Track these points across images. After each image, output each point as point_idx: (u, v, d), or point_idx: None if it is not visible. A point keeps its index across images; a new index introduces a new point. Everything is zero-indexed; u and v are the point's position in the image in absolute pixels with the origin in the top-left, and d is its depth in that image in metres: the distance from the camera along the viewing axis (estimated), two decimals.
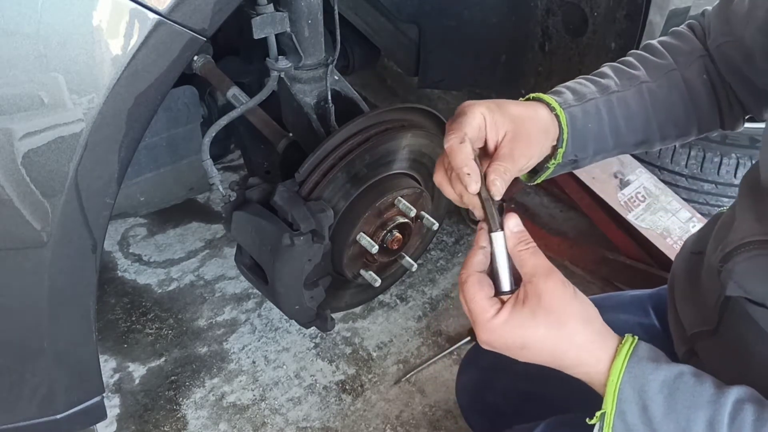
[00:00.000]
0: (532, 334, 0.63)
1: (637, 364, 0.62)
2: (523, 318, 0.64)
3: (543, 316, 0.63)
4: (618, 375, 0.62)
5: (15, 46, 0.64)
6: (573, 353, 0.64)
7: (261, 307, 1.74)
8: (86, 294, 0.87)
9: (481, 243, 0.69)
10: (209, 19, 0.73)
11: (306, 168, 1.14)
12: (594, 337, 0.64)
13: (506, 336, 0.64)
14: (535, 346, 0.64)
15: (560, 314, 0.63)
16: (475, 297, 0.66)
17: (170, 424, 1.47)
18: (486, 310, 0.65)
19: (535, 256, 0.66)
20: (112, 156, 0.76)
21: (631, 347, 0.63)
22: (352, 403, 1.53)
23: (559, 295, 0.64)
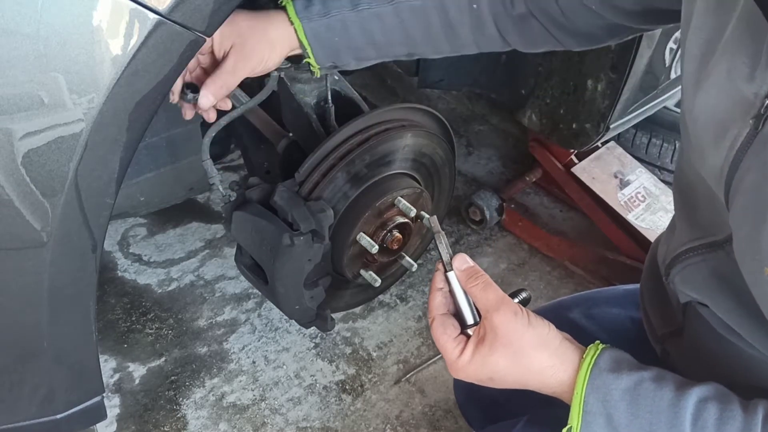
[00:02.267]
0: (494, 368, 0.67)
1: (599, 376, 0.64)
2: (484, 354, 0.67)
3: (501, 349, 0.66)
4: (581, 388, 0.64)
5: (15, 46, 0.64)
6: (535, 378, 0.67)
7: (261, 307, 1.74)
8: (86, 294, 0.87)
9: (438, 285, 0.72)
10: (209, 19, 0.73)
11: (306, 168, 1.14)
12: (552, 360, 0.66)
13: (473, 372, 0.69)
14: (501, 378, 0.68)
15: (515, 345, 0.66)
16: (440, 340, 0.70)
17: (170, 424, 1.47)
18: (451, 351, 0.69)
19: (485, 290, 0.69)
20: (112, 156, 0.76)
21: (592, 359, 0.65)
22: (352, 403, 1.53)
23: (512, 328, 0.66)
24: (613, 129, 1.50)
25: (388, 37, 0.89)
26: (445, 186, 1.44)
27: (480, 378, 0.69)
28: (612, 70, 1.37)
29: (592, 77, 1.42)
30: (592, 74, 1.41)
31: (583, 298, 1.07)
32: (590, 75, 1.42)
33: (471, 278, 0.70)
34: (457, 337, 0.70)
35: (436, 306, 0.72)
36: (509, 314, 0.67)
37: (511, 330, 0.66)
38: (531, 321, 0.67)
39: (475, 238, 2.00)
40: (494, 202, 1.94)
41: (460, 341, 0.69)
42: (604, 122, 1.45)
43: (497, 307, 0.67)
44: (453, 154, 1.39)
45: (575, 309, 1.02)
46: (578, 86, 1.46)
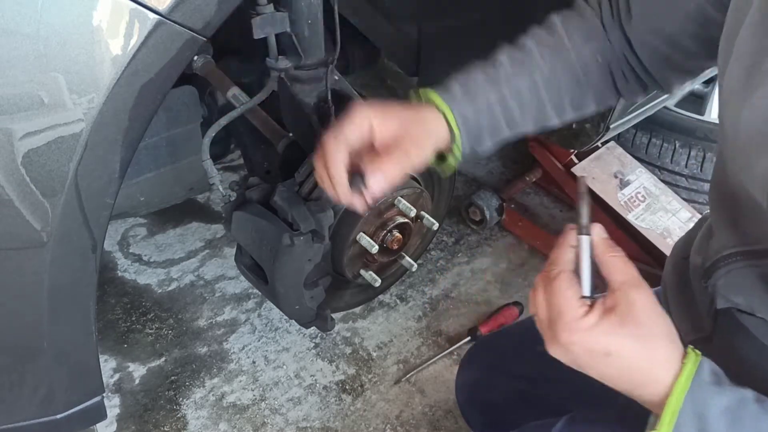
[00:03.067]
0: (619, 343, 0.60)
1: (699, 387, 0.59)
2: (612, 324, 0.60)
3: (632, 326, 0.60)
4: (680, 397, 0.59)
5: (15, 46, 0.64)
6: (654, 370, 0.61)
7: (261, 307, 1.74)
8: (86, 294, 0.87)
9: (570, 242, 0.66)
10: (209, 19, 0.73)
11: (306, 168, 1.14)
12: (673, 355, 0.61)
13: (591, 340, 0.61)
14: (620, 357, 0.61)
15: (648, 327, 0.60)
16: (566, 294, 0.62)
17: (170, 424, 1.47)
18: (576, 308, 0.61)
19: (627, 263, 0.63)
20: (112, 156, 0.76)
21: (694, 367, 0.60)
22: (352, 403, 1.53)
23: (650, 309, 0.61)
24: (613, 129, 1.49)
25: (525, 113, 0.86)
26: (445, 186, 1.44)
27: (595, 348, 0.61)
28: None
29: None
30: None
31: None
32: None
33: (613, 248, 0.64)
34: (581, 298, 0.63)
35: (565, 261, 0.65)
36: (650, 296, 0.61)
37: (649, 310, 0.60)
38: (664, 312, 0.62)
39: (475, 238, 2.00)
40: (494, 202, 1.94)
41: (585, 303, 0.62)
42: (604, 122, 1.45)
43: (638, 284, 0.61)
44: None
45: None
46: None
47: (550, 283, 0.64)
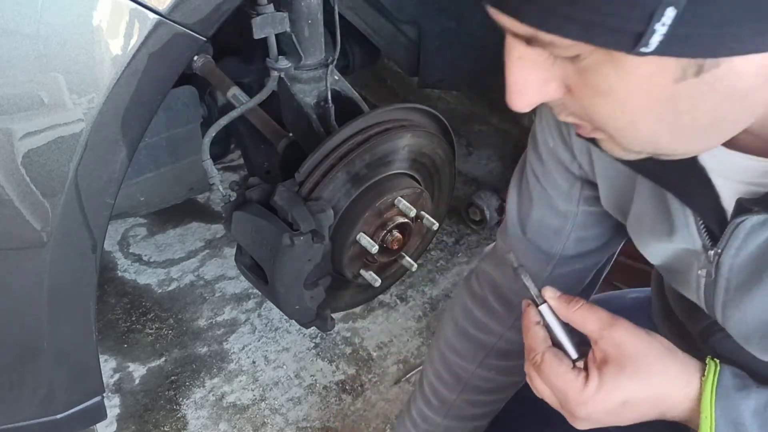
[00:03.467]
0: (629, 388, 0.60)
1: (726, 396, 0.58)
2: (614, 375, 0.60)
3: (630, 365, 0.59)
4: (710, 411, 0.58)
5: (15, 46, 0.64)
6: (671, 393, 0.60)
7: (261, 307, 1.74)
8: (86, 294, 0.87)
9: (534, 320, 0.66)
10: (209, 19, 0.73)
11: (306, 168, 1.14)
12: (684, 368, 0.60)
13: (604, 401, 0.60)
14: (636, 399, 0.60)
15: (646, 357, 0.60)
16: (558, 371, 0.62)
17: (170, 424, 1.47)
18: (574, 381, 0.61)
19: (592, 309, 0.63)
20: (112, 156, 0.76)
21: (715, 376, 0.59)
22: (352, 403, 1.53)
23: (636, 339, 0.61)
24: None
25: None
26: (445, 186, 1.44)
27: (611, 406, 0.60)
28: None
29: None
30: None
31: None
32: None
33: (571, 303, 0.64)
34: (573, 368, 0.62)
35: (541, 340, 0.65)
36: (629, 325, 0.61)
37: (637, 341, 0.60)
38: (649, 331, 0.62)
39: (475, 238, 2.00)
40: (494, 202, 1.94)
41: (579, 371, 0.62)
42: None
43: (613, 322, 0.61)
44: (453, 154, 1.39)
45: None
46: None
47: (539, 369, 0.64)
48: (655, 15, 0.35)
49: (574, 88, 0.44)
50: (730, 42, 0.37)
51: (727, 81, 0.40)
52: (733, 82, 0.40)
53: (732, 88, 0.41)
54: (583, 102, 0.45)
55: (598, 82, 0.42)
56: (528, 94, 0.45)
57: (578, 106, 0.46)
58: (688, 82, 0.40)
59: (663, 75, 0.39)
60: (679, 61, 0.38)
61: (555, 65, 0.43)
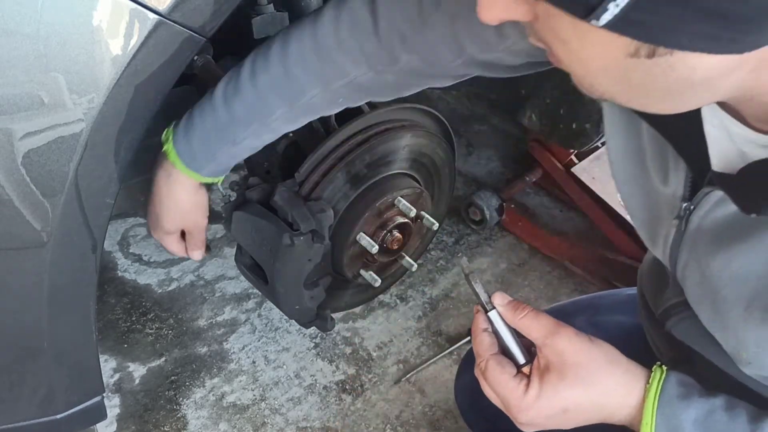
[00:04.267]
0: (569, 396, 0.62)
1: (668, 404, 0.60)
2: (554, 383, 0.62)
3: (571, 374, 0.61)
4: (651, 418, 0.59)
5: (15, 46, 0.64)
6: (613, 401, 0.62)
7: (261, 307, 1.74)
8: (86, 294, 0.87)
9: (481, 326, 0.68)
10: (209, 19, 0.73)
11: (306, 168, 1.14)
12: (626, 377, 0.62)
13: (545, 408, 0.62)
14: (576, 407, 0.62)
15: (587, 367, 0.61)
16: (500, 380, 0.64)
17: (170, 424, 1.47)
18: (515, 389, 0.63)
19: (538, 317, 0.64)
20: (112, 156, 0.76)
21: (659, 384, 0.61)
22: (352, 403, 1.53)
23: (578, 347, 0.62)
24: None
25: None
26: (445, 186, 1.44)
27: (552, 413, 0.62)
28: None
29: None
30: None
31: (586, 304, 1.05)
32: None
33: (518, 310, 0.65)
34: (516, 375, 0.65)
35: (486, 347, 0.66)
36: (571, 334, 0.62)
37: (579, 349, 0.62)
38: (593, 339, 0.63)
39: (475, 238, 2.00)
40: (494, 202, 1.94)
41: (522, 378, 0.64)
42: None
43: (556, 330, 0.63)
44: (453, 154, 1.39)
45: (579, 316, 1.00)
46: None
47: (485, 375, 0.66)
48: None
49: (540, 20, 0.44)
50: (681, 38, 0.37)
51: (680, 70, 0.40)
52: (687, 72, 0.40)
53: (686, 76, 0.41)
54: (545, 39, 0.45)
55: (558, 29, 0.42)
56: (495, 9, 0.45)
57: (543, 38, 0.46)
58: (641, 60, 0.40)
59: (616, 46, 0.39)
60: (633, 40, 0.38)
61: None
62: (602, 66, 0.42)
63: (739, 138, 0.52)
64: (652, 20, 0.36)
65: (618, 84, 0.44)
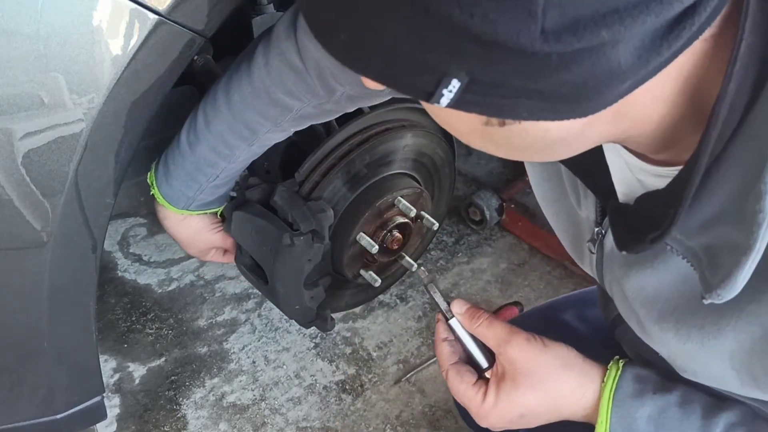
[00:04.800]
0: (523, 402, 0.64)
1: (623, 403, 0.61)
2: (508, 391, 0.64)
3: (524, 381, 0.63)
4: (606, 417, 0.61)
5: (15, 46, 0.64)
6: (568, 403, 0.64)
7: (261, 307, 1.74)
8: (86, 294, 0.87)
9: (441, 335, 0.70)
10: (209, 19, 0.73)
11: (306, 168, 1.14)
12: (580, 380, 0.63)
13: (501, 413, 0.65)
14: (532, 412, 0.64)
15: (539, 373, 0.63)
16: (459, 389, 0.67)
17: (170, 424, 1.47)
18: (473, 398, 0.66)
19: (491, 325, 0.66)
20: (112, 156, 0.76)
21: (614, 382, 0.62)
22: (352, 403, 1.53)
23: (530, 354, 0.64)
24: None
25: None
26: (445, 186, 1.44)
27: (510, 419, 0.65)
28: None
29: None
30: None
31: (576, 299, 1.05)
32: None
33: (474, 319, 0.67)
34: (476, 383, 0.67)
35: (446, 357, 0.69)
36: (522, 342, 0.64)
37: (530, 357, 0.63)
38: (546, 343, 0.65)
39: (475, 238, 2.00)
40: (494, 202, 1.94)
41: (480, 386, 0.66)
42: None
43: (508, 339, 0.64)
44: (453, 154, 1.39)
45: (568, 310, 1.01)
46: None
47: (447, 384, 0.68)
48: (442, 82, 0.36)
49: None
50: (521, 111, 0.38)
51: (535, 133, 0.41)
52: (542, 134, 0.42)
53: (543, 137, 0.42)
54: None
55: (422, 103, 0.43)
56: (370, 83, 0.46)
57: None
58: (495, 128, 0.41)
59: (469, 118, 0.41)
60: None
61: None
62: (467, 131, 0.44)
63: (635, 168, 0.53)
64: (486, 101, 0.37)
65: (487, 144, 0.46)
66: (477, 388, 0.66)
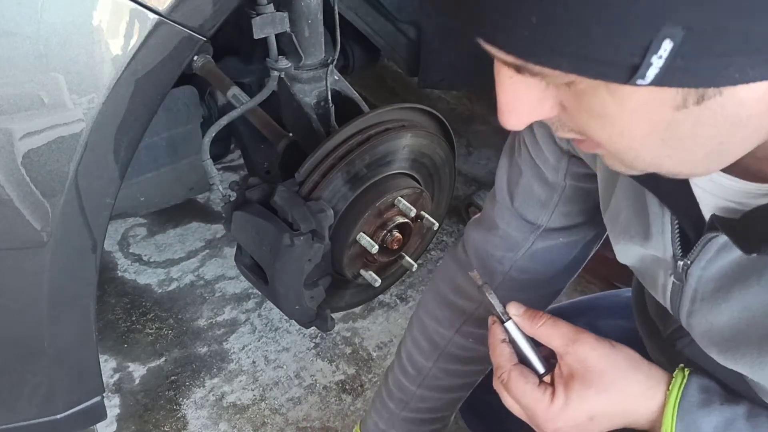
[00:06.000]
0: (595, 403, 0.61)
1: (688, 412, 0.59)
2: (579, 391, 0.61)
3: (597, 381, 0.60)
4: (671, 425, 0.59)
5: (15, 46, 0.64)
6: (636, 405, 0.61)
7: (261, 307, 1.74)
8: (86, 294, 0.87)
9: (500, 337, 0.67)
10: (209, 18, 0.73)
11: (306, 168, 1.14)
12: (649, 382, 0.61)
13: (572, 417, 0.61)
14: (603, 413, 0.61)
15: (610, 372, 0.60)
16: (525, 391, 0.63)
17: (170, 424, 1.47)
18: (541, 399, 0.62)
19: (556, 324, 0.64)
20: (112, 156, 0.76)
21: (680, 390, 0.60)
22: (352, 403, 1.53)
23: (601, 353, 0.61)
24: None
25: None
26: (445, 186, 1.44)
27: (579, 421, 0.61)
28: None
29: None
30: None
31: (586, 306, 1.03)
32: None
33: (534, 319, 0.64)
34: (540, 385, 0.63)
35: (507, 358, 0.65)
36: (592, 340, 0.61)
37: (601, 355, 0.61)
38: (614, 344, 0.62)
39: None
40: None
41: (546, 387, 0.63)
42: None
43: (577, 338, 0.62)
44: (453, 154, 1.39)
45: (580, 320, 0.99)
46: None
47: (507, 387, 0.65)
48: (651, 47, 0.32)
49: (569, 108, 0.42)
50: (732, 72, 0.34)
51: (730, 108, 0.38)
52: (736, 109, 0.38)
53: (735, 114, 0.39)
54: (579, 123, 0.43)
55: (593, 106, 0.40)
56: (521, 113, 0.43)
57: (576, 125, 0.44)
58: (689, 109, 0.38)
59: (662, 103, 0.37)
60: (680, 89, 0.36)
61: (549, 87, 0.42)
62: (647, 131, 0.40)
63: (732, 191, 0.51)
64: (699, 63, 0.34)
65: (665, 145, 0.42)
66: (543, 389, 0.63)
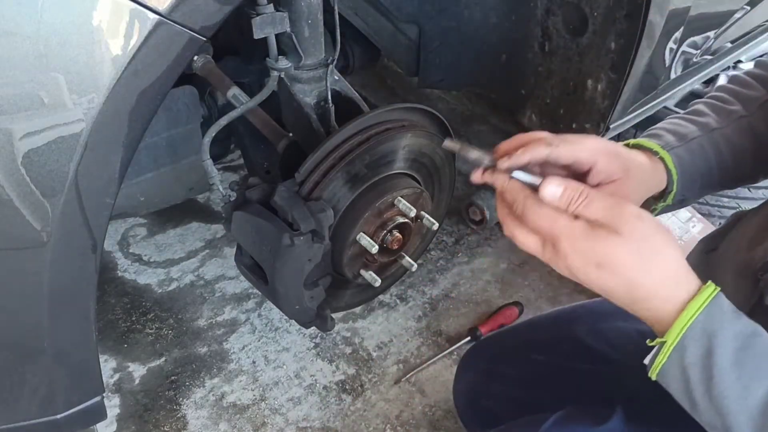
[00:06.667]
0: (610, 253, 0.57)
1: (718, 309, 0.57)
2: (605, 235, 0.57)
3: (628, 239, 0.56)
4: (694, 312, 0.56)
5: (15, 46, 0.64)
6: (650, 288, 0.58)
7: (261, 307, 1.74)
8: (86, 294, 0.87)
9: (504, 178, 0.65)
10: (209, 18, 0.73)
11: (306, 168, 1.14)
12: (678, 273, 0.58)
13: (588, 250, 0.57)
14: (613, 270, 0.57)
15: (652, 242, 0.57)
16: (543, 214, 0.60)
17: (170, 424, 1.47)
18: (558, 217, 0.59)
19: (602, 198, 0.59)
20: (112, 156, 0.76)
21: (713, 292, 0.58)
22: (352, 403, 1.53)
23: (646, 217, 0.58)
24: (613, 129, 1.49)
25: (737, 159, 0.85)
26: (445, 186, 1.44)
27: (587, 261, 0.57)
28: (612, 70, 1.37)
29: (592, 77, 1.42)
30: (592, 74, 1.42)
31: (586, 311, 1.04)
32: (590, 75, 1.42)
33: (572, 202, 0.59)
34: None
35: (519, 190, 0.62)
36: (636, 209, 0.58)
37: (646, 219, 0.57)
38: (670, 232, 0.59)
39: (475, 238, 2.00)
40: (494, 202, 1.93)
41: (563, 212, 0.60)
42: (604, 122, 1.45)
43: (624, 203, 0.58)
44: (453, 154, 1.39)
45: (581, 325, 0.98)
46: (578, 86, 1.46)
47: (524, 217, 0.61)
48: None
49: None
50: None
51: None
52: None
53: None
54: None
55: None
56: None
57: None
58: None
59: None
60: None
61: None
62: None
63: None
64: None
65: None
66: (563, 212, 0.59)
